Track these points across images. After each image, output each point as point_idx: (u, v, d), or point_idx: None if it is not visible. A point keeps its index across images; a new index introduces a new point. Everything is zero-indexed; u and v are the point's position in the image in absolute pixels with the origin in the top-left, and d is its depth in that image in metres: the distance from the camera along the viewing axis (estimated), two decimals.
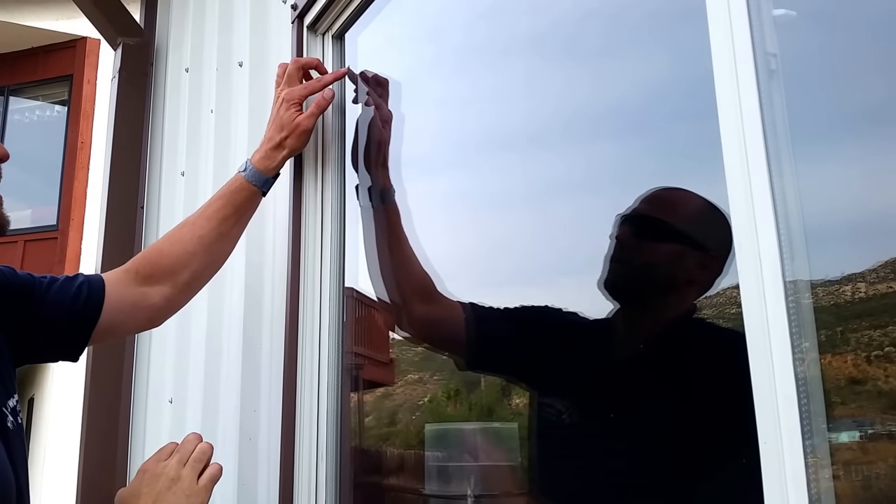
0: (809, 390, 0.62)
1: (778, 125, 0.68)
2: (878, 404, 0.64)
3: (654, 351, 0.96)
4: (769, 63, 0.69)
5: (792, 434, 0.61)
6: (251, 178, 1.19)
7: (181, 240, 1.17)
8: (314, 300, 1.32)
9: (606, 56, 1.07)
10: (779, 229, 0.65)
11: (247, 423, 1.45)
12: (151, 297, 1.13)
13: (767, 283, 0.64)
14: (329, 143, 1.37)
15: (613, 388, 0.98)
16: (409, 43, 1.48)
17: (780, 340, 0.63)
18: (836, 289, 0.67)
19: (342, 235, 1.36)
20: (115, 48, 2.40)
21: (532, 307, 1.11)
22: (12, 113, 8.13)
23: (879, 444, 0.64)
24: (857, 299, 0.65)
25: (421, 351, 1.43)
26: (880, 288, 0.65)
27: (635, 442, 0.91)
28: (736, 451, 0.73)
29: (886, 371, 0.63)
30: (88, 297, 1.05)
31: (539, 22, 1.19)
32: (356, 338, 1.48)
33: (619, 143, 1.04)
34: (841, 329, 0.67)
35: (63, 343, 1.05)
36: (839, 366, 0.66)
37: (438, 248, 1.27)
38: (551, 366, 1.08)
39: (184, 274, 1.16)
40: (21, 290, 1.01)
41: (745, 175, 0.68)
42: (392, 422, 1.54)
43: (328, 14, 1.40)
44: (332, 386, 1.29)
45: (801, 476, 0.60)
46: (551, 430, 1.05)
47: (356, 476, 1.34)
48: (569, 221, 1.11)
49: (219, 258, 1.23)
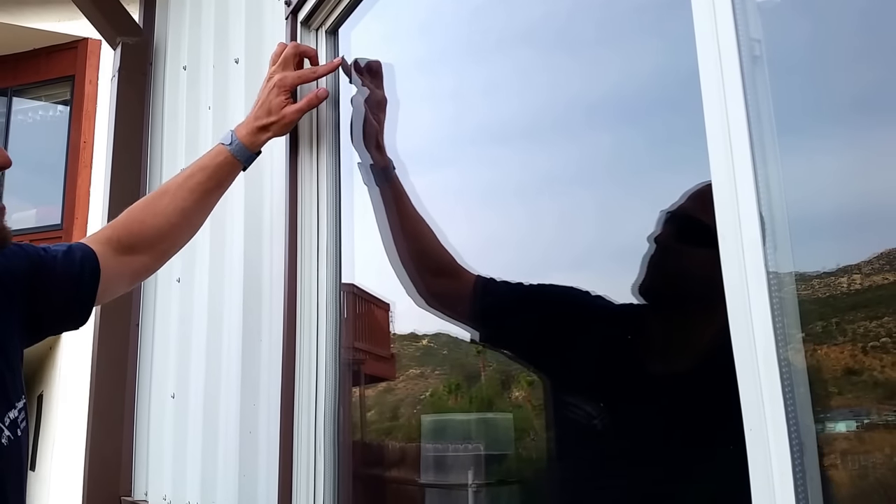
0: (794, 379, 0.62)
1: (762, 111, 0.67)
2: (875, 395, 0.64)
3: (701, 369, 0.85)
4: (753, 49, 0.69)
5: (777, 422, 0.61)
6: (237, 153, 1.19)
7: (164, 211, 1.16)
8: (311, 296, 1.33)
9: (599, 47, 1.07)
10: (762, 218, 0.65)
11: (247, 417, 1.47)
12: (132, 265, 1.14)
13: (750, 273, 0.64)
14: (324, 136, 1.38)
15: (655, 402, 0.89)
16: (402, 38, 1.48)
17: (763, 330, 0.63)
18: (833, 280, 0.66)
19: (338, 231, 1.37)
20: (114, 48, 2.42)
21: (553, 286, 1.04)
22: (16, 113, 8.17)
23: (876, 434, 0.64)
24: (854, 291, 0.65)
25: (422, 346, 1.43)
26: (876, 279, 0.64)
27: (675, 463, 0.84)
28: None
29: (882, 362, 0.63)
30: (91, 273, 1.06)
31: (531, 14, 1.19)
32: (357, 333, 1.50)
33: (613, 134, 1.03)
34: (837, 320, 0.67)
35: (68, 317, 1.07)
36: (836, 356, 0.66)
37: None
38: (574, 360, 1.01)
39: (164, 244, 1.18)
40: (35, 269, 1.01)
41: (729, 162, 0.67)
42: (394, 416, 1.55)
43: (321, 9, 1.40)
44: (329, 380, 1.30)
45: (787, 463, 0.60)
46: (580, 432, 0.98)
47: (355, 467, 1.35)
48: (562, 215, 1.10)
49: (197, 227, 1.25)
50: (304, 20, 1.43)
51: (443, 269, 1.17)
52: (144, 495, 2.00)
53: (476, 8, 1.31)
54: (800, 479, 0.59)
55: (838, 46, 0.71)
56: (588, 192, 1.06)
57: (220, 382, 1.62)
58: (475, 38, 1.32)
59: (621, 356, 0.95)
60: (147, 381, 2.10)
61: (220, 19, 1.89)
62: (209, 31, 1.95)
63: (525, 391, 1.18)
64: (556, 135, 1.14)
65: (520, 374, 1.21)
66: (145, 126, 2.30)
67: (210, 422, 1.63)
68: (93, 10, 2.35)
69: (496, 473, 1.23)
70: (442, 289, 1.20)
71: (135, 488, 2.07)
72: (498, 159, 1.24)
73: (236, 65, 1.73)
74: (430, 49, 1.43)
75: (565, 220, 1.09)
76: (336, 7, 1.39)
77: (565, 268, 1.07)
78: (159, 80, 2.31)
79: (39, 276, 1.01)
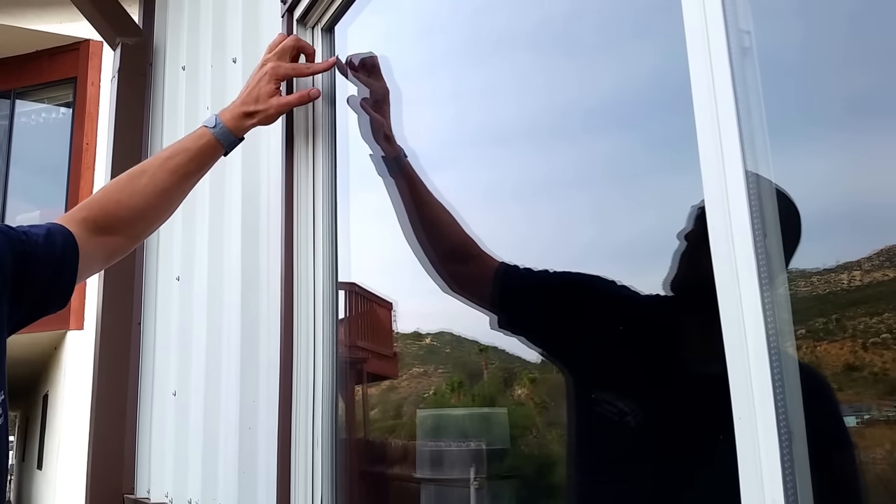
0: (784, 368, 0.62)
1: (752, 103, 0.67)
2: (875, 391, 0.64)
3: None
4: (742, 40, 0.68)
5: (766, 411, 0.61)
6: (220, 137, 1.17)
7: (142, 192, 1.13)
8: (308, 294, 1.34)
9: (597, 50, 1.07)
10: (751, 210, 0.65)
11: (246, 414, 1.48)
12: (107, 246, 1.11)
13: (740, 267, 0.65)
14: (320, 135, 1.39)
15: (694, 404, 0.86)
16: (399, 36, 1.49)
17: (754, 323, 0.63)
18: (831, 276, 0.66)
19: (334, 229, 1.37)
20: (114, 48, 2.43)
21: (580, 273, 1.02)
22: (19, 115, 8.21)
23: (876, 430, 0.64)
24: (854, 287, 0.65)
25: (425, 345, 1.44)
26: (875, 276, 0.64)
27: (708, 460, 0.82)
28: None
29: (883, 358, 0.63)
30: (71, 257, 1.04)
31: (530, 16, 1.19)
32: (359, 332, 1.50)
33: (611, 136, 1.02)
34: (837, 316, 0.67)
35: (49, 303, 1.05)
36: (836, 353, 0.66)
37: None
38: (604, 352, 0.99)
39: (140, 225, 1.15)
40: (19, 256, 0.98)
41: (719, 155, 0.67)
42: (398, 414, 1.56)
43: (317, 7, 1.41)
44: (326, 377, 1.31)
45: (775, 451, 0.60)
46: (611, 428, 0.95)
47: (353, 463, 1.36)
48: (560, 216, 1.10)
49: (174, 208, 1.22)
50: (299, 18, 1.44)
51: (463, 254, 1.16)
52: (147, 493, 2.02)
53: (474, 10, 1.31)
54: (788, 467, 0.60)
55: (830, 39, 0.71)
56: (586, 194, 1.06)
57: (220, 379, 1.63)
58: (473, 38, 1.32)
59: (655, 351, 0.93)
60: (149, 379, 2.11)
61: (217, 19, 1.90)
62: (207, 31, 1.96)
63: (528, 388, 1.18)
64: (554, 137, 1.14)
65: (522, 371, 1.20)
66: (145, 125, 2.31)
67: (210, 419, 1.64)
68: (92, 10, 2.36)
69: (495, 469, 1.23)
70: (463, 272, 1.19)
71: (137, 486, 2.08)
72: (497, 161, 1.24)
73: (234, 64, 1.74)
74: (430, 48, 1.43)
75: (563, 222, 1.09)
76: (331, 4, 1.39)
77: (563, 268, 1.07)
78: (159, 80, 2.32)
79: (24, 263, 0.98)
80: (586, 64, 1.08)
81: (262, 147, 1.54)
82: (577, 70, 1.09)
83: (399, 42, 1.48)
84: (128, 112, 2.32)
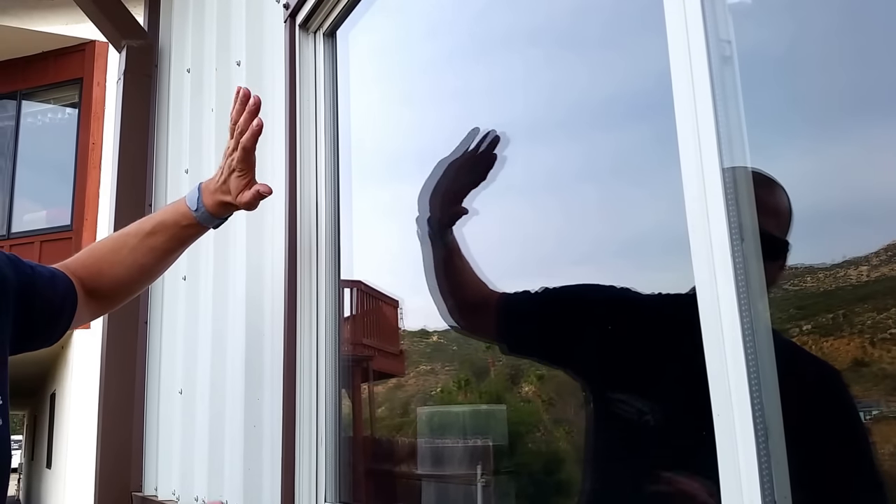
0: (760, 366, 0.63)
1: (730, 111, 0.68)
2: (884, 387, 0.64)
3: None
4: (723, 49, 0.70)
5: (742, 408, 0.62)
6: (203, 221, 1.19)
7: (122, 262, 1.18)
8: (311, 292, 1.36)
9: (605, 47, 1.07)
10: (728, 213, 0.66)
11: (251, 411, 1.50)
12: (91, 307, 1.18)
13: (718, 266, 0.65)
14: (322, 138, 1.40)
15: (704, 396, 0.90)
16: (402, 39, 1.50)
17: (731, 321, 0.64)
18: (841, 272, 0.66)
19: (337, 228, 1.39)
20: (119, 51, 2.45)
21: (575, 286, 1.03)
22: (25, 116, 8.26)
23: (884, 426, 0.64)
24: (862, 282, 0.64)
25: (432, 342, 1.45)
26: (884, 271, 0.63)
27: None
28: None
29: (891, 353, 0.62)
30: (70, 308, 1.11)
31: (536, 14, 1.19)
32: (365, 330, 1.52)
33: (618, 131, 1.02)
34: (844, 312, 0.67)
35: (40, 337, 1.10)
36: (844, 348, 0.66)
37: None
38: (614, 355, 0.99)
39: (122, 293, 1.23)
40: (24, 283, 1.04)
41: (699, 162, 0.69)
42: (405, 411, 1.57)
43: (319, 12, 1.43)
44: (330, 374, 1.33)
45: (752, 448, 0.61)
46: (629, 427, 0.96)
47: (357, 460, 1.38)
48: (567, 211, 1.09)
49: (157, 277, 1.29)
50: (301, 23, 1.46)
51: (477, 304, 1.17)
52: (154, 490, 2.04)
53: (479, 9, 1.32)
54: (765, 463, 0.61)
55: (810, 47, 0.71)
56: (593, 189, 1.06)
57: (225, 378, 1.65)
58: (477, 37, 1.32)
59: (666, 348, 0.93)
60: (155, 377, 2.13)
61: (221, 22, 1.92)
62: (211, 34, 1.98)
63: (535, 385, 1.19)
64: (561, 132, 1.13)
65: (529, 368, 1.21)
66: (150, 127, 2.33)
67: (216, 417, 1.66)
68: (98, 14, 2.38)
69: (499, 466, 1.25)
70: (475, 319, 1.22)
71: (145, 483, 2.11)
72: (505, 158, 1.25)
73: (238, 67, 1.76)
74: (430, 50, 1.44)
75: (571, 217, 1.09)
76: (333, 9, 1.41)
77: (571, 264, 1.07)
78: (164, 82, 2.34)
79: (28, 293, 1.03)
80: (593, 60, 1.07)
81: (267, 146, 1.56)
82: (584, 66, 1.09)
83: (402, 40, 1.49)
84: (133, 114, 2.34)
